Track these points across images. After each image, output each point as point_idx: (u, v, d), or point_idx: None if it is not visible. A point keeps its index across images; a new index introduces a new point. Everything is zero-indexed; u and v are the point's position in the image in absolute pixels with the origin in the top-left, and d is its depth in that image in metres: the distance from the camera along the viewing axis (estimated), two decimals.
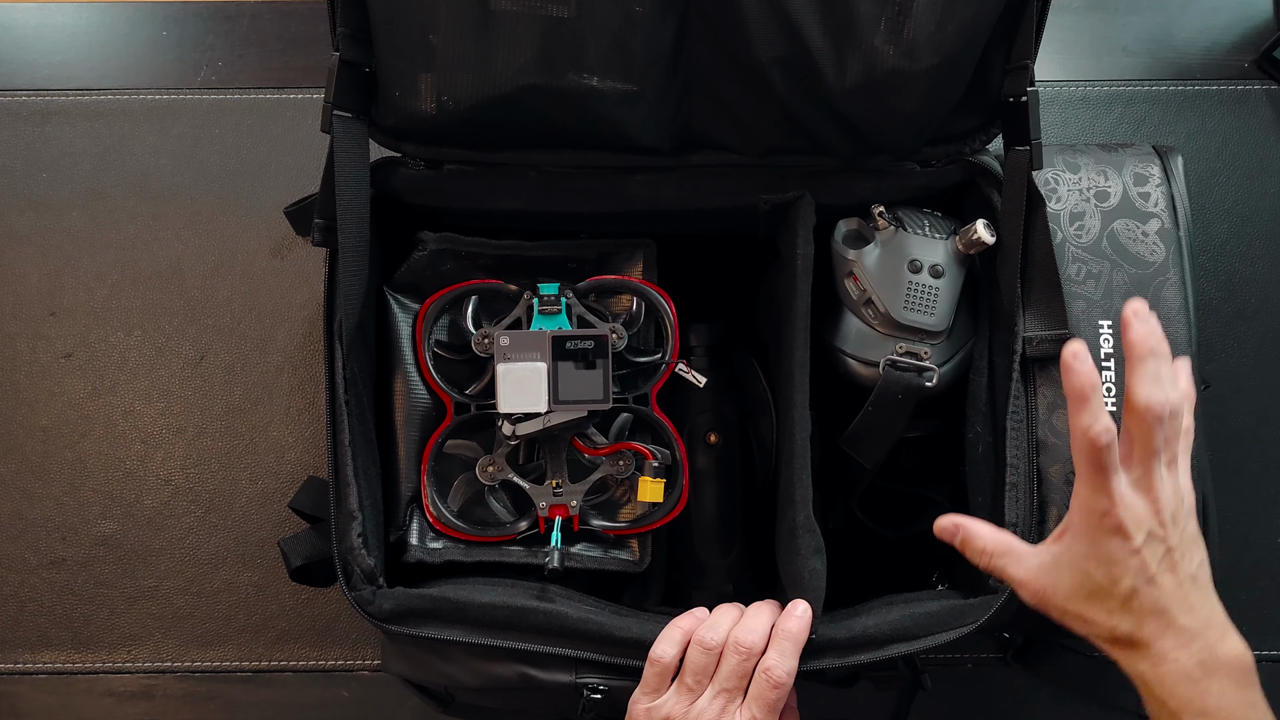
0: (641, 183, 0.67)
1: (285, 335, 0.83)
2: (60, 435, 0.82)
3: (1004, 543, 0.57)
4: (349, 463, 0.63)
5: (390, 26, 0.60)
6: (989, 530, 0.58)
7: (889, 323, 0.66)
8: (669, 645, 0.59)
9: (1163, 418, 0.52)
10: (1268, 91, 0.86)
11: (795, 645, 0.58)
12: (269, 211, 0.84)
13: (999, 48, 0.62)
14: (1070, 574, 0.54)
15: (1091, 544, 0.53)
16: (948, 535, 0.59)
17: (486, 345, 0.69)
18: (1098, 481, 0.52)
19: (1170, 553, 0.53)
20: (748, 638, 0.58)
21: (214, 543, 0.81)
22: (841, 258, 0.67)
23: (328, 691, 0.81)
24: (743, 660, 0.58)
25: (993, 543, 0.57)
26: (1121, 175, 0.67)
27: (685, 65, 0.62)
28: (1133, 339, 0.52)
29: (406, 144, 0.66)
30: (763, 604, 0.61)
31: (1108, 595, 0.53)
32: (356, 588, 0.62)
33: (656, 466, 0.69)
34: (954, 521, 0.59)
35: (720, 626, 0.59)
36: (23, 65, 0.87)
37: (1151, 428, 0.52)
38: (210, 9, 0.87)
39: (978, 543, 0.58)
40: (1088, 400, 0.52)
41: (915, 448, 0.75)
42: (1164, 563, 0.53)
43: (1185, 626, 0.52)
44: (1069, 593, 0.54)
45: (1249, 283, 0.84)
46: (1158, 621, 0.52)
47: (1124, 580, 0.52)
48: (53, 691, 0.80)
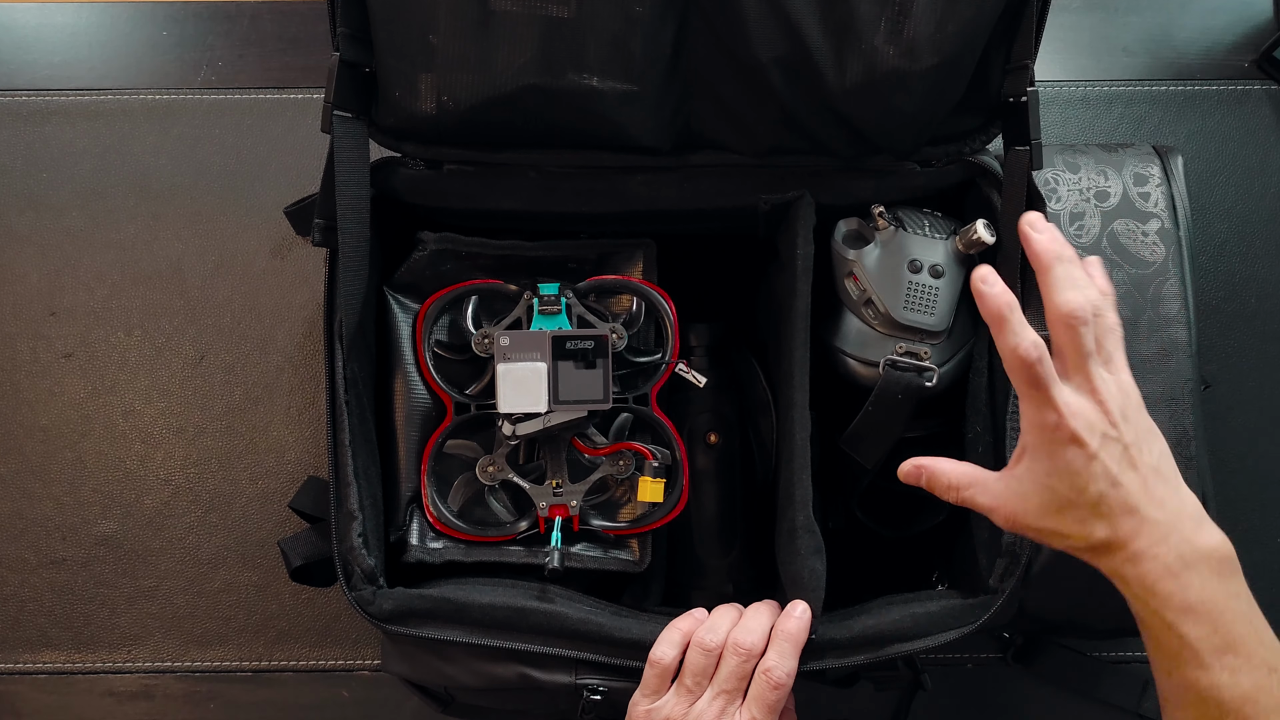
0: (641, 183, 0.67)
1: (285, 335, 0.83)
2: (60, 435, 0.82)
3: (968, 474, 0.57)
4: (349, 463, 0.63)
5: (390, 26, 0.60)
6: (950, 465, 0.58)
7: (889, 323, 0.66)
8: (668, 647, 0.59)
9: (1086, 319, 0.52)
10: (1268, 91, 0.86)
11: (795, 646, 0.58)
12: (269, 211, 0.84)
13: (999, 48, 0.62)
14: (1036, 493, 0.54)
15: (1050, 459, 0.53)
16: (912, 478, 0.59)
17: (486, 345, 0.69)
18: (1040, 397, 0.52)
19: (1128, 449, 0.53)
20: (747, 639, 0.58)
21: (214, 543, 0.81)
22: (841, 258, 0.67)
23: (328, 691, 0.81)
24: (742, 661, 0.58)
25: (957, 476, 0.57)
26: (1121, 175, 0.67)
27: (685, 65, 0.62)
28: (1036, 249, 0.53)
29: (406, 144, 0.66)
30: (762, 605, 0.61)
31: (1076, 505, 0.53)
32: (357, 588, 0.62)
33: (656, 466, 0.69)
34: (915, 464, 0.59)
35: (719, 628, 0.59)
36: (23, 65, 0.87)
37: (1078, 331, 0.52)
38: (210, 9, 0.87)
39: (943, 479, 0.58)
40: (1006, 320, 0.52)
41: (915, 448, 0.75)
42: (1124, 461, 0.52)
43: (1158, 521, 0.52)
44: (1039, 511, 0.54)
45: (1249, 283, 0.84)
46: (1130, 520, 0.52)
47: (1090, 487, 0.52)
48: (53, 691, 0.80)
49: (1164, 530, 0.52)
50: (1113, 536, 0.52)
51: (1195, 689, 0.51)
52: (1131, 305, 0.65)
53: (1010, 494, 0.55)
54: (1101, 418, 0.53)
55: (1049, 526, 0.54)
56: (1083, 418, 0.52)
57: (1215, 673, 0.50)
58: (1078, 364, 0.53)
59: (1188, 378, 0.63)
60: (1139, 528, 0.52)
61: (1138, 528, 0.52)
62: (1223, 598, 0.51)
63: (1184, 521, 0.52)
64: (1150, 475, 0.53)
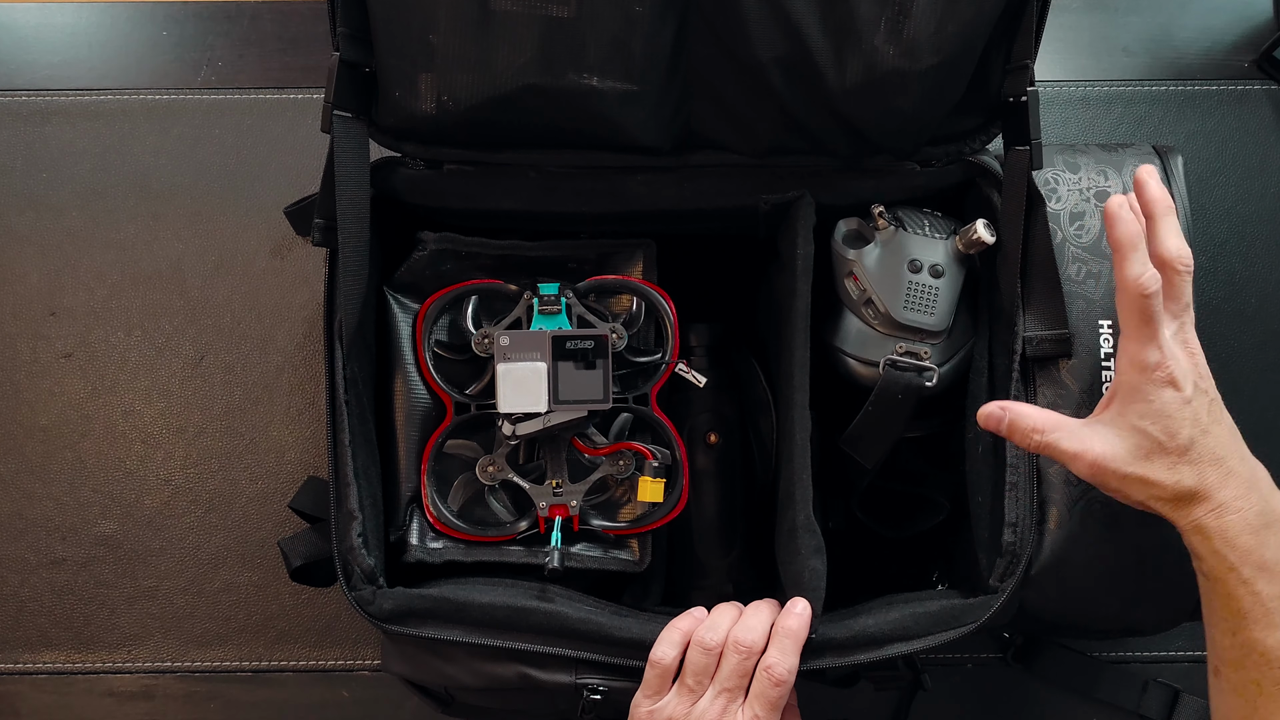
0: (641, 183, 0.67)
1: (285, 335, 0.83)
2: (60, 435, 0.82)
3: (1053, 419, 0.57)
4: (349, 463, 0.63)
5: (390, 26, 0.60)
6: (1033, 409, 0.57)
7: (889, 322, 0.66)
8: (669, 647, 0.59)
9: (1191, 269, 0.54)
10: (1268, 91, 0.86)
11: (796, 643, 0.58)
12: (269, 211, 0.84)
13: (999, 47, 0.62)
14: (1126, 436, 0.54)
15: (1145, 401, 0.53)
16: (994, 420, 0.58)
17: (486, 345, 0.69)
18: (1147, 333, 0.53)
19: (1213, 404, 0.54)
20: (747, 637, 0.58)
21: (214, 543, 0.81)
22: (841, 257, 0.67)
23: (328, 691, 0.81)
24: (743, 659, 0.58)
25: (1041, 420, 0.57)
26: (1122, 175, 0.67)
27: (685, 65, 0.62)
28: (1152, 196, 0.55)
29: (406, 144, 0.66)
30: (761, 603, 0.61)
31: (1166, 451, 0.53)
32: (357, 588, 0.62)
33: (656, 466, 0.69)
34: (999, 405, 0.58)
35: (719, 626, 0.59)
36: (23, 65, 0.87)
37: (1184, 278, 0.54)
38: (210, 9, 0.87)
39: (1025, 422, 0.57)
40: (1136, 249, 0.54)
41: (915, 448, 0.75)
42: (1212, 412, 0.54)
43: (1242, 475, 0.53)
44: (1129, 456, 0.54)
45: (1249, 283, 0.84)
46: (1217, 470, 0.53)
47: (1182, 431, 0.53)
48: (53, 691, 0.80)
49: (1247, 485, 0.53)
50: (1199, 486, 0.52)
51: (1260, 648, 0.51)
52: None
53: (1098, 439, 0.55)
54: (1192, 366, 0.54)
55: (1137, 473, 0.54)
56: (1180, 363, 0.54)
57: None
58: (1177, 312, 0.55)
59: None
60: (1225, 479, 0.52)
61: (1224, 479, 0.52)
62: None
63: (1262, 481, 0.53)
64: (1234, 432, 0.55)
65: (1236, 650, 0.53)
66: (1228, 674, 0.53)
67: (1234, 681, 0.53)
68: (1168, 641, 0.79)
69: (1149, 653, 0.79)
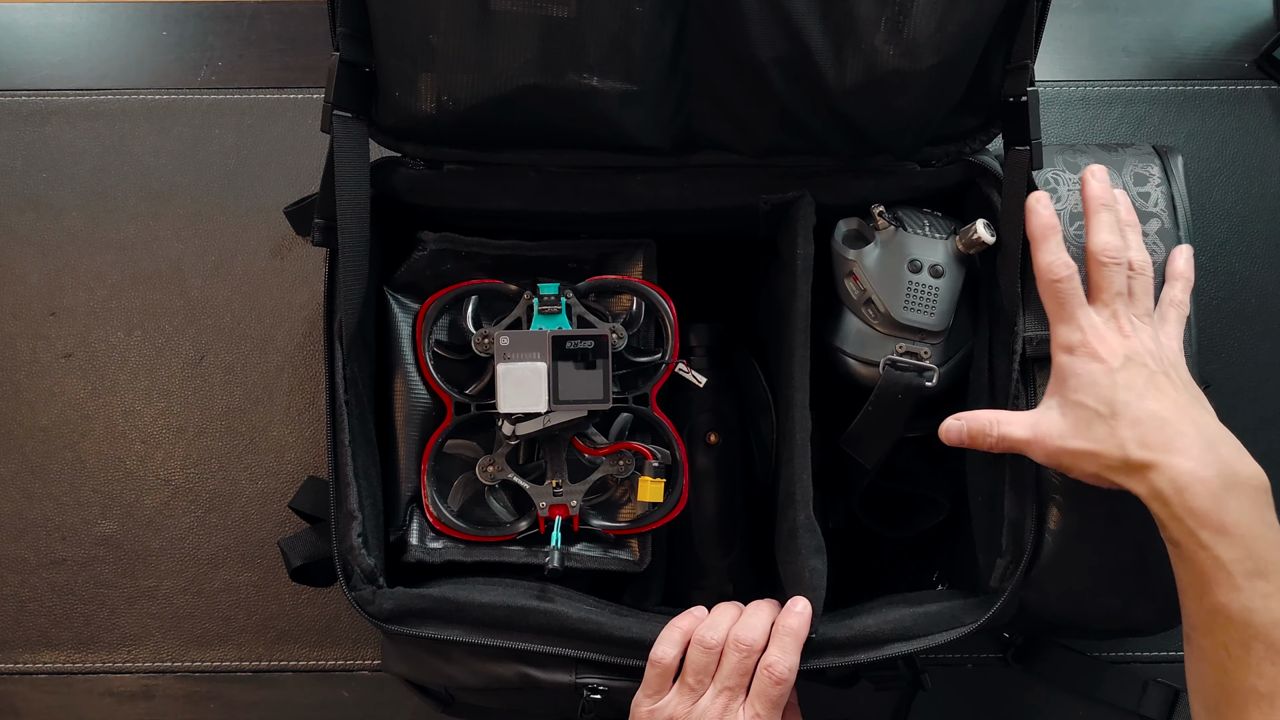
0: (641, 183, 0.67)
1: (285, 335, 0.83)
2: (60, 435, 0.82)
3: (1004, 414, 0.60)
4: (349, 463, 0.63)
5: (390, 26, 0.60)
6: (986, 412, 0.61)
7: (889, 322, 0.66)
8: (669, 646, 0.59)
9: (1119, 260, 0.57)
10: (1268, 91, 0.86)
11: (796, 641, 0.58)
12: (269, 211, 0.84)
13: (999, 47, 0.62)
14: (1067, 412, 0.56)
15: (1075, 375, 0.56)
16: (955, 435, 0.61)
17: (486, 345, 0.69)
18: (1065, 315, 0.57)
19: (1155, 375, 0.56)
20: (748, 635, 0.58)
21: (214, 543, 0.81)
22: (841, 257, 0.67)
23: (328, 691, 0.81)
24: (743, 658, 0.58)
25: (993, 417, 0.60)
26: (1121, 175, 0.67)
27: (685, 65, 0.62)
28: (1090, 193, 0.59)
29: (406, 144, 0.66)
30: (762, 602, 0.61)
31: (1103, 417, 0.55)
32: (357, 588, 0.62)
33: (656, 466, 0.69)
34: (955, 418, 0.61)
35: (720, 625, 0.59)
36: (23, 65, 0.87)
37: (1109, 268, 0.57)
38: (210, 9, 0.87)
39: (979, 424, 0.60)
40: (1048, 239, 0.59)
41: (915, 448, 0.75)
42: (1151, 383, 0.55)
43: (1194, 438, 0.53)
44: (1072, 430, 0.56)
45: (1249, 283, 0.84)
46: (1163, 433, 0.54)
47: (1116, 397, 0.55)
48: (53, 691, 0.80)
49: (1202, 448, 0.53)
50: (1144, 448, 0.53)
51: (1225, 612, 0.52)
52: None
53: (1043, 421, 0.57)
54: (1125, 344, 0.56)
55: (1082, 446, 0.55)
56: (1106, 341, 0.56)
57: (1247, 596, 0.51)
58: (1106, 300, 0.57)
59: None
60: (1173, 440, 0.53)
61: (1172, 440, 0.53)
62: (1259, 525, 0.52)
63: (1224, 446, 0.54)
64: (1188, 399, 0.56)
65: (1204, 615, 0.53)
66: (1198, 639, 0.54)
67: (1204, 646, 0.53)
68: (1168, 641, 0.79)
69: (1149, 653, 0.79)
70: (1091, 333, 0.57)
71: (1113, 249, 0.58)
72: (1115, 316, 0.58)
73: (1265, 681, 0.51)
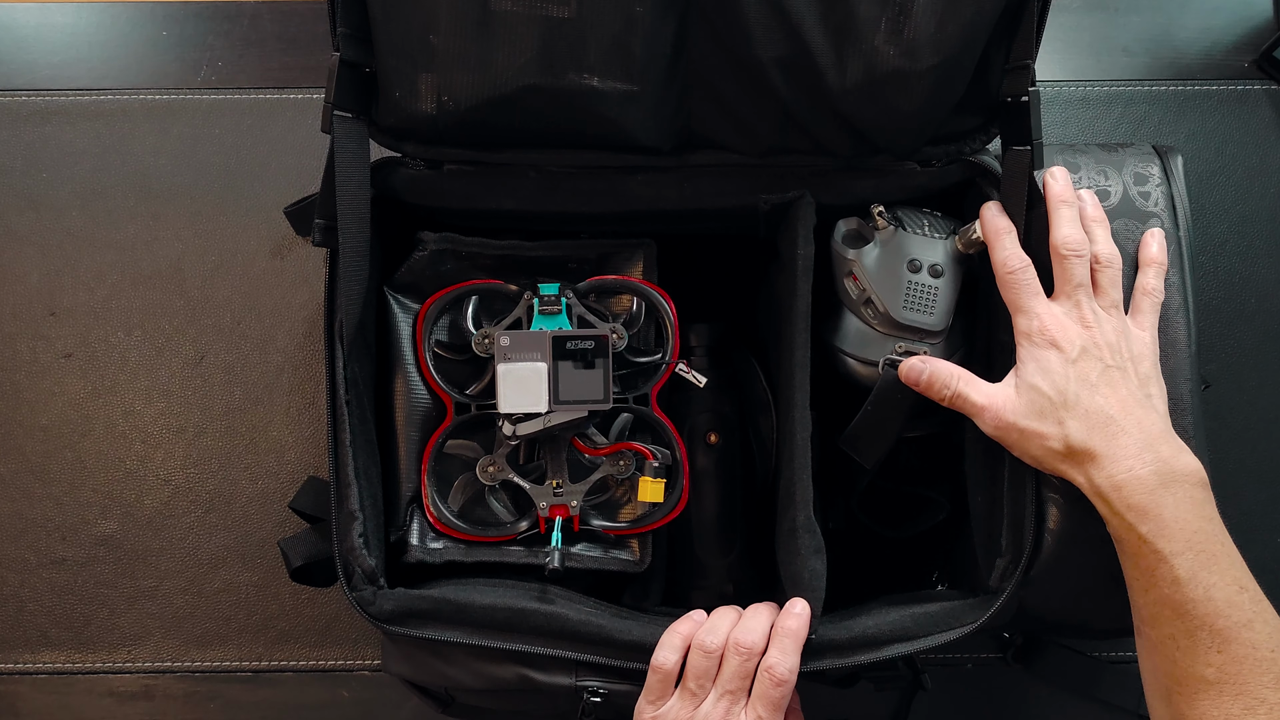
0: (641, 183, 0.67)
1: (285, 335, 0.83)
2: (60, 435, 0.82)
3: (966, 373, 0.62)
4: (349, 463, 0.63)
5: (390, 26, 0.60)
6: (950, 365, 0.62)
7: (888, 322, 0.66)
8: (670, 651, 0.59)
9: (1080, 253, 0.59)
10: (1268, 91, 0.86)
11: (796, 643, 0.58)
12: (269, 211, 0.84)
13: (999, 47, 0.62)
14: (1023, 393, 0.59)
15: (1034, 361, 0.58)
16: (915, 375, 0.63)
17: (487, 345, 0.69)
18: (1024, 304, 0.60)
19: (1110, 370, 0.58)
20: (747, 638, 0.58)
21: (214, 543, 0.81)
22: (841, 257, 0.67)
23: (328, 691, 0.81)
24: (744, 661, 0.58)
25: (955, 372, 0.62)
26: (1121, 175, 0.67)
27: (685, 65, 0.62)
28: (1051, 191, 0.62)
29: (406, 144, 0.66)
30: (761, 605, 0.61)
31: (1054, 405, 0.57)
32: (358, 588, 0.62)
33: (657, 466, 0.69)
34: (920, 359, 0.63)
35: (719, 629, 0.59)
36: (23, 65, 0.87)
37: (1069, 260, 0.60)
38: (210, 9, 0.87)
39: (941, 375, 0.62)
40: (1001, 238, 0.62)
41: (915, 448, 0.75)
42: (1104, 377, 0.57)
43: (1134, 435, 0.56)
44: (1023, 411, 0.58)
45: (1249, 283, 0.84)
46: (1105, 430, 0.56)
47: (1068, 388, 0.57)
48: (53, 691, 0.80)
49: (1140, 446, 0.55)
50: (1088, 441, 0.56)
51: (1170, 604, 0.54)
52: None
53: (999, 395, 0.60)
54: (1084, 334, 0.58)
55: (1031, 426, 0.58)
56: (1064, 329, 0.59)
57: (1189, 589, 0.53)
58: (1068, 290, 0.60)
59: (1187, 378, 0.63)
60: (1114, 437, 0.56)
61: (1112, 437, 0.56)
62: (1197, 519, 0.54)
63: (1162, 444, 0.56)
64: (1136, 399, 0.57)
65: (1151, 608, 0.55)
66: (1146, 631, 0.56)
67: (1152, 638, 0.55)
68: None
69: None
70: (1050, 320, 0.59)
71: (1073, 242, 0.60)
72: (1077, 307, 0.59)
73: (1213, 669, 0.52)
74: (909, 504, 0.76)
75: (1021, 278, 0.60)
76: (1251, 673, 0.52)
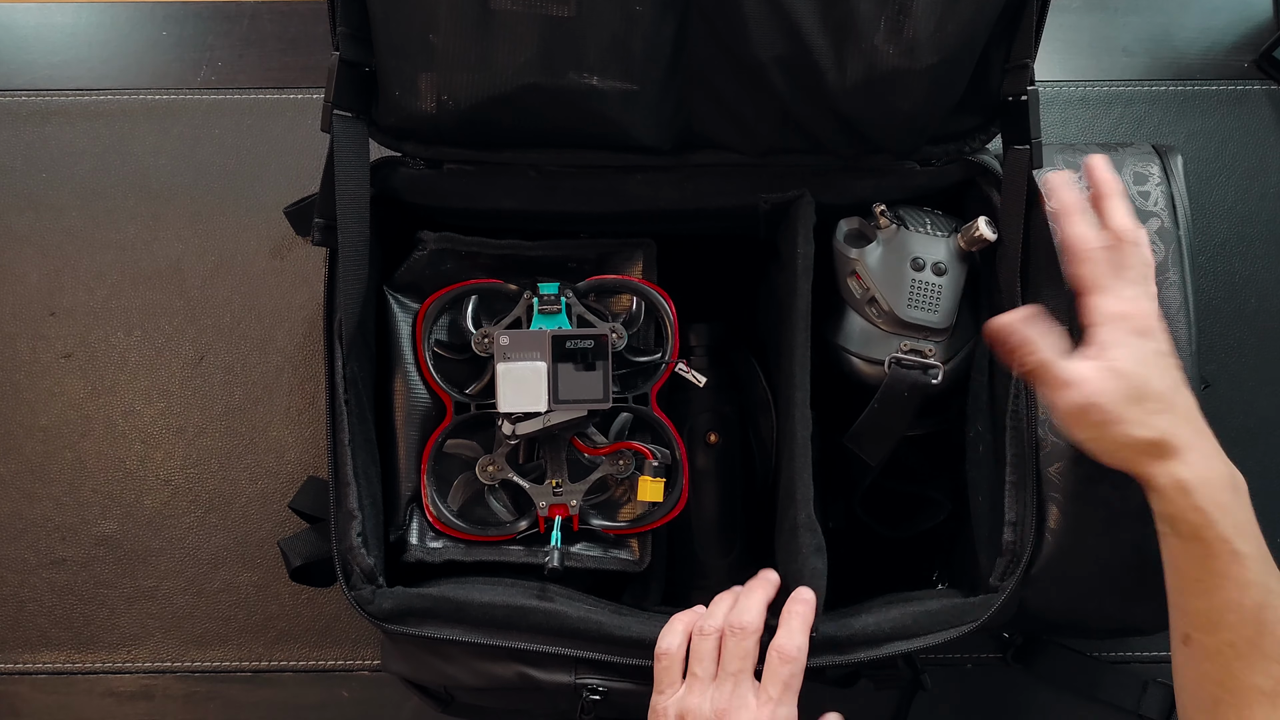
0: (641, 182, 0.67)
1: (285, 335, 0.83)
2: (60, 435, 0.82)
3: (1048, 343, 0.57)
4: (349, 462, 0.63)
5: (390, 26, 0.60)
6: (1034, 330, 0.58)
7: (893, 321, 0.66)
8: (673, 637, 0.59)
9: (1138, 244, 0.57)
10: (1268, 91, 0.86)
11: (804, 622, 0.58)
12: (269, 211, 0.84)
13: (999, 47, 0.62)
14: (1110, 378, 0.54)
15: (1125, 346, 0.55)
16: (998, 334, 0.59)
17: (486, 345, 0.69)
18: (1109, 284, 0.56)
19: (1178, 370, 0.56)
20: (742, 617, 0.58)
21: (214, 543, 0.81)
22: (844, 257, 0.67)
23: (328, 691, 0.81)
24: (741, 640, 0.58)
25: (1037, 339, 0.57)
26: (1121, 175, 0.67)
27: (685, 65, 0.62)
28: (1103, 178, 0.60)
29: (406, 143, 0.66)
30: (755, 581, 0.61)
31: (1146, 396, 0.54)
32: (356, 587, 0.62)
33: (656, 466, 0.69)
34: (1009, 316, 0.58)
35: (717, 614, 0.60)
36: (23, 65, 0.87)
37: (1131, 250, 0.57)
38: (210, 9, 0.87)
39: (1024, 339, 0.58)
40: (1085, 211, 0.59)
41: (916, 446, 0.75)
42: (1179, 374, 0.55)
43: (1211, 437, 0.54)
44: (1117, 395, 0.54)
45: (1249, 283, 0.84)
46: (1191, 426, 0.54)
47: (1161, 380, 0.54)
48: (53, 691, 0.80)
49: (1215, 447, 0.54)
50: (1174, 437, 0.53)
51: (1239, 609, 0.51)
52: None
53: (1091, 375, 0.55)
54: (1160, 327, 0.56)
55: (1121, 412, 0.54)
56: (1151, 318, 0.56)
57: (1262, 592, 0.51)
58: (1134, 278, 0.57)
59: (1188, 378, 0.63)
60: (1198, 434, 0.54)
61: (1197, 435, 0.53)
62: (1253, 525, 0.52)
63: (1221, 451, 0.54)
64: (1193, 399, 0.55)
65: (1214, 612, 0.52)
66: (1200, 639, 0.53)
67: (1208, 646, 0.52)
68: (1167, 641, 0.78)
69: (1149, 653, 0.79)
70: (1140, 305, 0.56)
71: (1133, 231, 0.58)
72: (1150, 298, 0.57)
73: (1271, 680, 0.50)
74: (909, 503, 0.76)
75: (1104, 255, 0.57)
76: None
